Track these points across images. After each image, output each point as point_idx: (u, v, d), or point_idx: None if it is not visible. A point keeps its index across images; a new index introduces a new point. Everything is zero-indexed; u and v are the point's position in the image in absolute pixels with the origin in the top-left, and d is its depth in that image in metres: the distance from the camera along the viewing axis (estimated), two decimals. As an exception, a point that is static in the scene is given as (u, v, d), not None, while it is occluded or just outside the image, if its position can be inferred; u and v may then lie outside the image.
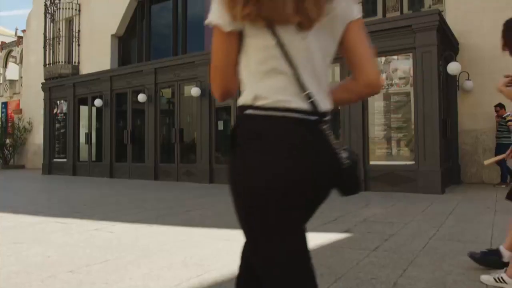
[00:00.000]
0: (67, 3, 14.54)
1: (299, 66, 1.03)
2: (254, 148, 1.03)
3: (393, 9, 9.36)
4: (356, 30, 1.11)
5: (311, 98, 1.03)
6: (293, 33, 1.02)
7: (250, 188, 1.03)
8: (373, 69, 1.13)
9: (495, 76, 7.59)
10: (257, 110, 1.04)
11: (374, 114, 7.51)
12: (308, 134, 1.04)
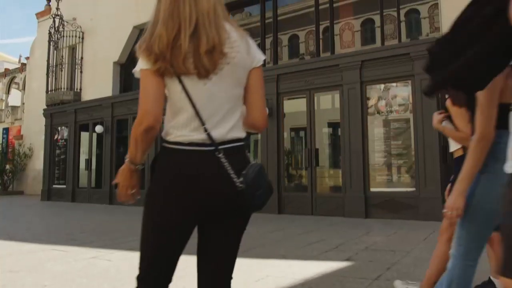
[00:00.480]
0: (71, 31, 14.79)
1: (200, 106, 1.32)
2: (159, 176, 1.33)
3: (391, 37, 9.50)
4: (255, 77, 1.42)
5: (208, 131, 1.30)
6: (195, 81, 1.31)
7: (150, 210, 1.35)
8: (260, 113, 1.44)
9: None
10: (166, 143, 1.35)
11: (374, 141, 7.52)
12: (202, 164, 1.30)
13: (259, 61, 1.44)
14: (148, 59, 1.33)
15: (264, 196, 1.35)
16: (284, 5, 11.17)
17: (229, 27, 1.41)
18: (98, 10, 14.68)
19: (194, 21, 1.33)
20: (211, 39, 1.32)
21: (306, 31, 10.78)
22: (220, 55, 1.33)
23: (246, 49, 1.41)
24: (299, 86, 8.44)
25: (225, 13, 1.44)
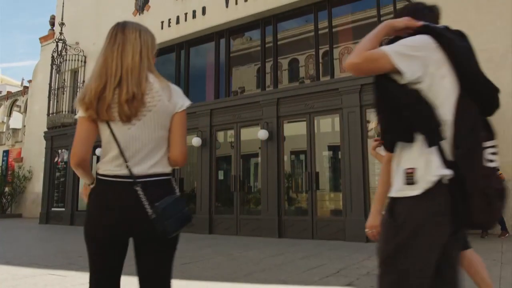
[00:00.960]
0: (73, 55, 14.98)
1: (124, 147, 1.62)
2: (90, 202, 1.67)
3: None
4: (177, 121, 1.71)
5: (129, 167, 1.59)
6: (120, 126, 1.62)
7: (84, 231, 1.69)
8: (179, 152, 1.71)
9: (495, 127, 7.71)
10: (98, 175, 1.65)
11: (375, 164, 7.51)
12: (122, 194, 1.59)
13: (181, 107, 1.72)
14: (81, 108, 1.63)
15: (175, 224, 1.62)
16: (284, 29, 11.35)
17: (153, 79, 1.72)
18: (101, 34, 14.88)
19: (119, 76, 1.64)
20: (130, 91, 1.61)
21: (306, 55, 10.91)
22: (140, 104, 1.62)
23: (168, 97, 1.70)
24: (299, 110, 8.49)
25: (151, 67, 1.77)
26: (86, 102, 1.61)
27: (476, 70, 1.56)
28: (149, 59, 1.80)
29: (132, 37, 1.76)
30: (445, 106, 1.45)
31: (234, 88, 12.16)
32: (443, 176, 1.37)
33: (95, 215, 1.65)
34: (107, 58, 1.69)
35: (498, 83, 6.02)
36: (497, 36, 7.88)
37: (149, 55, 1.81)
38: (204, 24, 12.10)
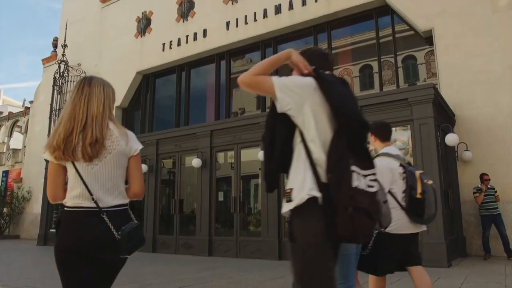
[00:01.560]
0: (75, 76, 15.11)
1: (88, 183, 1.91)
2: (59, 231, 1.92)
3: (390, 82, 9.69)
4: (133, 162, 2.06)
5: (95, 200, 1.89)
6: (85, 165, 1.92)
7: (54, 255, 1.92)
8: (137, 187, 2.07)
9: (493, 147, 7.73)
10: (66, 207, 1.93)
11: (375, 185, 7.48)
12: (88, 220, 1.89)
13: (135, 150, 2.07)
14: (49, 151, 1.92)
15: (134, 246, 1.95)
16: (284, 52, 11.46)
17: (112, 126, 2.03)
18: (103, 55, 15.07)
19: (84, 122, 1.95)
20: (94, 135, 1.92)
21: (306, 77, 11.00)
22: (101, 147, 1.93)
23: (126, 142, 2.03)
24: (299, 131, 8.50)
25: (111, 116, 2.08)
26: (54, 145, 1.91)
27: (349, 112, 1.79)
28: (110, 109, 2.11)
29: (97, 90, 2.07)
30: (316, 141, 1.75)
31: (234, 109, 12.22)
32: (313, 196, 1.66)
33: (66, 241, 1.90)
34: (75, 107, 1.99)
35: (497, 104, 6.12)
36: (495, 58, 7.96)
37: (110, 105, 2.12)
38: (205, 46, 12.24)
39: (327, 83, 1.80)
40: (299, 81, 1.81)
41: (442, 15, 8.65)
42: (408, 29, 9.52)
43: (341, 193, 1.64)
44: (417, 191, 3.19)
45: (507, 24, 7.94)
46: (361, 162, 1.75)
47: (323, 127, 1.77)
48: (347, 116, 1.78)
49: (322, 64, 2.00)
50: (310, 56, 2.00)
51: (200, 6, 12.65)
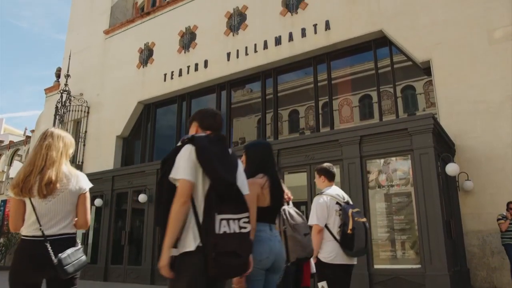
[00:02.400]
0: (77, 106, 15.23)
1: (40, 216, 2.39)
2: (15, 254, 2.38)
3: (389, 112, 9.75)
4: (81, 200, 2.56)
5: (42, 230, 2.37)
6: (39, 201, 2.40)
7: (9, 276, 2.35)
8: (83, 221, 2.57)
9: (493, 177, 7.70)
10: (22, 236, 2.40)
11: (376, 215, 7.42)
12: (36, 248, 2.34)
13: (84, 190, 2.57)
14: (11, 188, 2.40)
15: (73, 268, 2.37)
16: (284, 81, 11.61)
17: (66, 169, 2.53)
18: (105, 85, 15.24)
19: (42, 166, 2.43)
20: (49, 178, 2.40)
21: (306, 106, 11.10)
22: (55, 187, 2.41)
23: (76, 182, 2.53)
24: (299, 161, 8.50)
25: (67, 161, 2.57)
26: (14, 184, 2.39)
27: (215, 175, 2.17)
28: (67, 156, 2.60)
29: (56, 142, 2.56)
30: (199, 198, 2.16)
31: (235, 139, 12.25)
32: (194, 245, 2.07)
33: (19, 264, 2.35)
34: (37, 153, 2.49)
35: (496, 134, 6.13)
36: (493, 88, 8.04)
37: (67, 153, 2.61)
38: (206, 77, 12.40)
39: (200, 150, 2.20)
40: (183, 155, 2.22)
41: (439, 47, 8.80)
42: (406, 60, 9.66)
43: (207, 241, 2.04)
44: (349, 227, 3.65)
45: (503, 55, 8.06)
46: (234, 209, 2.12)
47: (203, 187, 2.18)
48: (213, 178, 2.16)
49: (211, 124, 2.44)
50: (201, 118, 2.47)
51: (202, 38, 12.88)
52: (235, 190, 2.21)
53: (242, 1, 12.21)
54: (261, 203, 2.75)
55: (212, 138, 2.30)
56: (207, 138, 2.27)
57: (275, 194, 2.84)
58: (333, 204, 3.81)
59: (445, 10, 8.87)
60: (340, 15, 10.27)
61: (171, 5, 14.17)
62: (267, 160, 2.98)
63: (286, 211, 3.51)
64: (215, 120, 2.48)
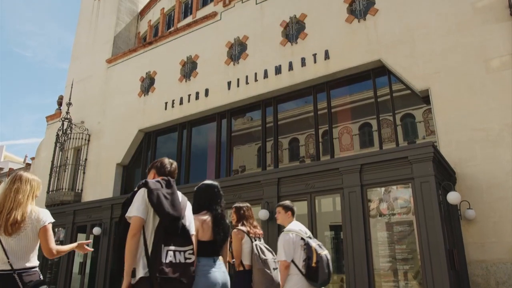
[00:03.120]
0: (78, 134, 15.29)
1: (7, 250, 2.70)
2: None
3: (389, 140, 9.77)
4: (42, 232, 2.85)
5: (11, 264, 2.66)
6: (7, 238, 2.72)
7: None
8: (47, 252, 2.86)
9: (495, 205, 7.64)
10: None
11: (378, 245, 7.32)
12: (5, 280, 2.61)
13: (44, 223, 2.86)
14: None
15: None
16: (284, 110, 11.69)
17: (31, 209, 2.85)
18: (106, 113, 15.34)
19: (10, 207, 2.75)
20: (14, 218, 2.73)
21: (306, 134, 11.13)
22: (20, 226, 2.75)
23: (37, 219, 2.85)
24: (300, 189, 8.45)
25: (33, 202, 2.91)
26: None
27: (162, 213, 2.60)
28: (33, 197, 2.93)
29: (24, 185, 2.87)
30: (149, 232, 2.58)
31: (235, 167, 12.23)
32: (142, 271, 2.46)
33: None
34: (6, 195, 2.80)
35: (497, 162, 6.14)
36: (492, 116, 8.08)
37: (34, 195, 2.94)
38: (206, 105, 12.49)
39: (150, 192, 2.67)
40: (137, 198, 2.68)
41: (437, 76, 8.90)
42: (405, 88, 9.75)
43: (154, 268, 2.41)
44: (313, 261, 3.97)
45: (501, 83, 8.15)
46: (180, 242, 2.55)
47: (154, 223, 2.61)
48: (160, 214, 2.59)
49: (166, 171, 3.02)
50: (159, 167, 3.03)
51: (203, 67, 13.05)
52: (181, 226, 2.64)
53: (243, 31, 12.44)
54: (202, 237, 3.09)
55: (162, 182, 2.81)
56: (158, 183, 2.78)
57: (216, 229, 3.17)
58: (298, 239, 4.11)
59: (443, 40, 9.03)
60: (339, 45, 10.44)
61: (173, 35, 14.43)
62: (210, 199, 3.40)
63: (257, 246, 3.98)
64: (170, 168, 3.07)
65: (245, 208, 4.77)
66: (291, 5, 11.68)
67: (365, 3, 10.43)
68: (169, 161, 3.11)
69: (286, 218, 4.41)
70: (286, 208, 4.48)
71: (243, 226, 4.62)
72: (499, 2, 8.53)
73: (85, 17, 18.71)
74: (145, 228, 2.59)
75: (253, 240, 4.37)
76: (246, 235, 4.43)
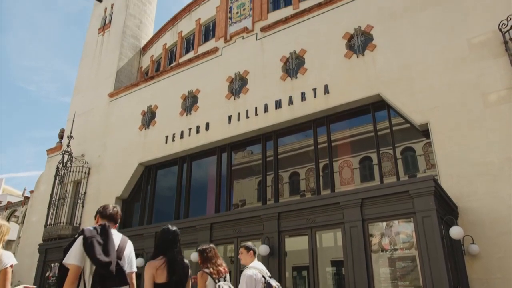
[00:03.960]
0: (78, 167, 15.26)
1: None
2: None
3: (390, 173, 9.74)
4: (2, 273, 3.17)
5: None
6: None
7: None
8: None
9: (499, 240, 7.53)
10: None
11: (381, 281, 7.16)
12: None
13: (5, 265, 3.16)
14: None
15: None
16: (285, 144, 11.72)
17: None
18: (107, 147, 15.37)
19: None
20: None
21: (307, 168, 11.11)
22: None
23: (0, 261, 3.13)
24: (300, 224, 8.36)
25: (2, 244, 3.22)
26: None
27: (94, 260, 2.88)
28: (3, 240, 3.32)
29: None
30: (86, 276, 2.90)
31: (235, 201, 12.15)
32: None
33: None
34: None
35: (499, 196, 6.09)
36: (492, 150, 8.08)
37: (3, 238, 3.31)
38: (207, 139, 12.54)
39: (85, 240, 2.95)
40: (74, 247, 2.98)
41: (436, 110, 8.97)
42: (404, 122, 9.81)
43: None
44: None
45: (499, 117, 8.20)
46: (116, 282, 2.86)
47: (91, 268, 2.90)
48: (93, 262, 2.88)
49: (106, 214, 3.36)
50: (102, 212, 3.38)
51: (204, 101, 13.19)
52: (118, 267, 2.96)
53: (244, 66, 12.65)
54: (158, 280, 3.51)
55: (99, 229, 3.11)
56: (95, 229, 3.08)
57: (172, 272, 3.57)
58: (259, 277, 4.50)
59: (440, 76, 9.16)
60: (338, 79, 10.58)
61: (175, 69, 14.67)
62: (167, 243, 3.80)
63: (220, 287, 4.37)
64: (112, 211, 3.41)
65: (208, 249, 5.01)
66: (291, 41, 11.92)
67: (363, 39, 10.65)
68: (112, 206, 3.49)
69: (249, 257, 4.91)
70: (248, 248, 5.00)
71: (206, 268, 4.92)
72: (494, 38, 8.72)
73: (89, 52, 19.08)
74: (84, 272, 2.90)
75: (216, 281, 4.71)
76: (210, 276, 4.74)
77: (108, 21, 19.04)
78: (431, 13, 9.78)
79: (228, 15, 14.34)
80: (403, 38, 9.99)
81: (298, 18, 12.08)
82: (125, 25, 18.17)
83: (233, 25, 14.00)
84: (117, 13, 18.80)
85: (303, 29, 11.86)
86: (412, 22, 9.97)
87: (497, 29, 8.63)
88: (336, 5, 11.47)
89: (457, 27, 9.30)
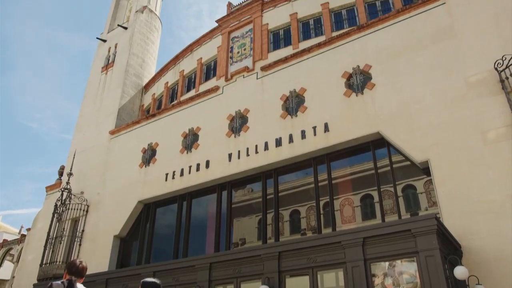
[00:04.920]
0: (76, 204, 15.12)
1: None
2: None
3: (391, 211, 9.64)
4: None
5: None
6: None
7: None
8: None
9: (505, 279, 7.35)
10: None
11: (385, 323, 6.93)
12: None
13: None
14: None
15: None
16: (285, 181, 11.67)
17: None
18: (106, 184, 15.30)
19: None
20: None
21: (307, 206, 11.02)
22: None
23: None
24: (301, 264, 8.18)
25: None
26: None
27: None
28: None
29: None
30: None
31: (235, 240, 11.97)
32: None
33: None
34: None
35: (503, 234, 6.03)
36: (493, 188, 8.03)
37: None
38: (207, 177, 12.50)
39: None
40: None
41: (436, 147, 8.99)
42: (405, 160, 9.81)
43: None
44: None
45: (499, 155, 8.21)
46: None
47: None
48: None
49: (72, 270, 3.77)
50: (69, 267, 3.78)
51: (204, 139, 13.24)
52: None
53: (244, 104, 12.79)
54: None
55: (65, 283, 3.50)
56: (62, 284, 3.48)
57: None
58: None
59: (439, 114, 9.24)
60: (338, 117, 10.67)
61: (176, 107, 14.81)
62: None
63: None
64: (78, 266, 3.80)
65: None
66: (291, 80, 12.11)
67: (362, 78, 10.83)
68: (79, 261, 3.88)
69: None
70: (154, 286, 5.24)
71: None
72: (491, 77, 8.86)
73: (92, 89, 19.34)
74: None
75: None
76: None
77: (112, 60, 19.41)
78: (428, 52, 9.99)
79: (229, 54, 14.64)
80: (402, 77, 10.15)
81: (298, 57, 12.33)
82: (128, 64, 18.51)
83: (234, 64, 14.27)
84: (121, 52, 19.19)
85: (303, 68, 12.07)
86: (410, 61, 10.17)
87: (493, 68, 8.79)
88: (335, 45, 11.73)
89: (454, 66, 9.47)
